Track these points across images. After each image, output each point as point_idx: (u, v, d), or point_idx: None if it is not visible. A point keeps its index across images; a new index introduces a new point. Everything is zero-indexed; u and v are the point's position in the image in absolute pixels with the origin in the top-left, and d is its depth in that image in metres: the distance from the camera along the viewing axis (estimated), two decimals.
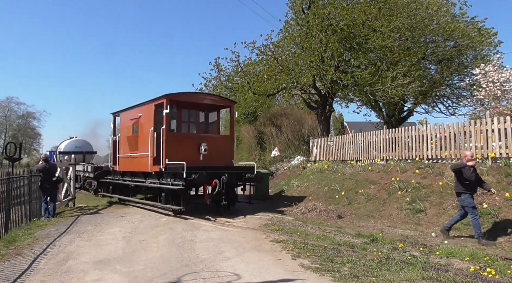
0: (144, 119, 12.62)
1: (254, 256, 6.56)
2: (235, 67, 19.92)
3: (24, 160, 44.21)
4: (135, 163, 13.07)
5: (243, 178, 11.94)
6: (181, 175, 10.39)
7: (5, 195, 8.74)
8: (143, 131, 12.53)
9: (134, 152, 13.10)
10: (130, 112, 13.80)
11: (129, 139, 13.59)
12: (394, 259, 6.14)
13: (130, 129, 13.59)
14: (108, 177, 15.62)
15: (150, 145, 11.75)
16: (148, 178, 12.59)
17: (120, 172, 14.64)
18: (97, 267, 6.03)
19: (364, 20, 17.04)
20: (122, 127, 14.71)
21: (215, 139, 12.93)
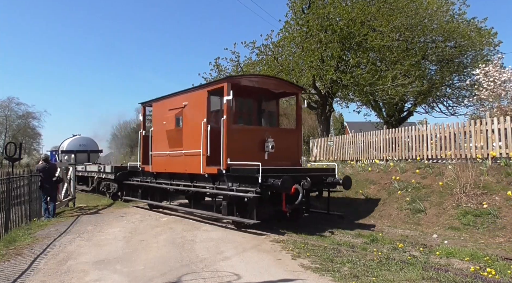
0: (191, 109, 10.39)
1: (254, 256, 6.56)
2: (235, 67, 19.93)
3: (24, 160, 44.23)
4: (177, 163, 10.92)
5: (323, 182, 9.49)
6: (251, 179, 8.37)
7: (5, 195, 8.74)
8: (190, 123, 10.37)
9: (176, 149, 10.93)
10: (170, 100, 11.53)
11: (169, 134, 11.33)
12: (394, 259, 6.14)
13: (170, 122, 11.18)
14: (134, 179, 13.75)
15: (203, 141, 9.56)
16: (196, 181, 10.42)
17: (153, 173, 12.45)
18: (97, 267, 6.03)
19: (364, 19, 17.06)
20: (156, 119, 12.36)
21: (281, 133, 10.76)
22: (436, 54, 19.53)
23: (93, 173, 17.42)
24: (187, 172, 10.48)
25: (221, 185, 9.37)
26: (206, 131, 9.56)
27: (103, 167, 16.40)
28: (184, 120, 10.77)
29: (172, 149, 11.20)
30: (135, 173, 13.83)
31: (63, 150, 23.88)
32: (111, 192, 15.79)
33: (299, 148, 10.80)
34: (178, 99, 11.04)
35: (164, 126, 11.47)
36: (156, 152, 12.10)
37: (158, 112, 12.25)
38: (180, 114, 10.86)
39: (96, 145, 25.42)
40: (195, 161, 9.94)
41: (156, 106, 12.46)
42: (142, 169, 13.10)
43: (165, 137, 11.50)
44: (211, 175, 9.61)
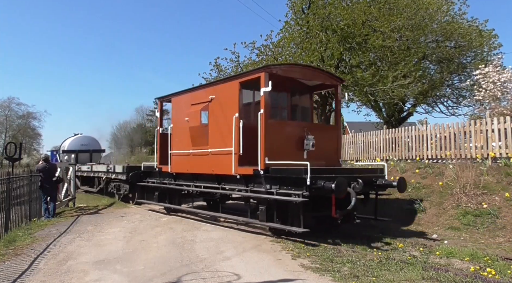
0: (220, 103, 9.40)
1: (254, 256, 6.56)
2: (235, 67, 19.93)
3: (24, 160, 44.19)
4: (202, 163, 9.97)
5: (373, 184, 8.41)
6: (296, 180, 7.39)
7: (5, 195, 8.75)
8: (218, 119, 9.41)
9: (201, 147, 9.98)
10: (193, 94, 10.60)
11: (192, 131, 10.30)
12: (394, 259, 6.15)
13: (193, 118, 10.16)
14: (149, 181, 12.76)
15: (235, 138, 8.58)
16: (225, 183, 9.42)
17: (172, 174, 11.46)
18: (97, 267, 6.03)
19: (364, 20, 17.07)
20: (176, 115, 11.42)
21: (320, 130, 9.77)
22: (436, 54, 19.55)
23: (101, 173, 16.55)
24: (214, 173, 9.50)
25: (256, 187, 8.37)
26: (238, 127, 8.58)
27: (112, 167, 15.36)
28: (210, 115, 9.74)
29: (195, 148, 10.22)
30: (150, 174, 12.91)
31: (64, 149, 23.10)
32: (121, 194, 14.88)
33: (339, 147, 9.77)
34: (203, 92, 10.03)
35: (187, 122, 10.44)
36: (177, 151, 11.12)
37: (179, 107, 11.25)
38: (206, 109, 9.82)
39: (98, 145, 24.61)
40: (225, 161, 8.97)
41: (176, 101, 11.46)
42: (159, 169, 12.09)
43: (187, 135, 10.50)
44: (244, 176, 8.60)
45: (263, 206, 8.08)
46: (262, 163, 8.03)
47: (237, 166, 8.64)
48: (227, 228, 9.34)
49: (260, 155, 8.08)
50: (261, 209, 8.14)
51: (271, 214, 7.93)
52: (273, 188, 7.92)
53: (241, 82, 8.90)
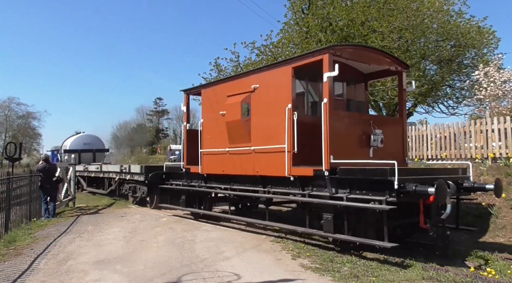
0: (266, 93, 8.16)
1: (254, 256, 6.56)
2: (234, 67, 19.92)
3: (24, 160, 44.20)
4: (242, 163, 8.69)
5: (460, 187, 7.06)
6: (377, 183, 6.14)
7: (5, 195, 8.75)
8: (264, 111, 8.18)
9: (241, 145, 8.73)
10: (230, 84, 9.31)
11: (230, 126, 8.98)
12: (394, 259, 6.15)
13: (232, 110, 8.90)
14: (173, 182, 11.43)
15: (288, 133, 7.38)
16: (272, 186, 8.14)
17: (202, 175, 10.09)
18: (97, 267, 6.03)
19: (364, 20, 17.06)
20: (208, 109, 10.10)
21: (385, 123, 8.39)
22: (436, 54, 19.54)
23: (112, 173, 15.38)
24: (259, 174, 8.25)
25: (316, 191, 7.10)
26: (291, 120, 7.39)
27: (127, 167, 14.09)
28: (253, 107, 8.45)
29: (234, 145, 8.94)
30: (173, 175, 11.62)
31: (66, 149, 22.07)
32: (137, 197, 13.62)
33: (405, 143, 8.53)
34: (244, 81, 8.82)
35: (222, 117, 9.15)
36: (209, 150, 9.77)
37: (211, 100, 9.91)
38: (247, 101, 8.57)
39: (102, 144, 23.54)
40: (274, 160, 7.81)
41: (208, 93, 10.17)
42: (186, 170, 10.71)
43: (223, 131, 9.20)
44: (299, 178, 7.39)
45: (328, 214, 6.74)
46: (326, 163, 6.73)
47: (291, 166, 7.39)
48: (227, 228, 9.34)
49: (324, 153, 6.80)
50: (326, 218, 6.77)
51: (339, 224, 6.62)
52: (341, 192, 6.68)
53: (296, 66, 7.58)
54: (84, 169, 18.53)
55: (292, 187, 7.64)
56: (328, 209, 6.81)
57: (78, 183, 19.78)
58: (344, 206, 6.48)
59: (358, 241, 6.39)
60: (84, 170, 18.52)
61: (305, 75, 8.21)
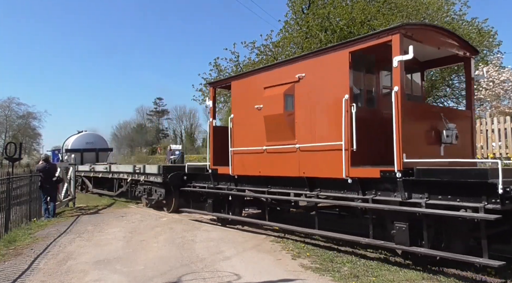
0: (316, 82, 7.13)
1: (254, 256, 6.56)
2: (234, 67, 19.92)
3: (24, 160, 44.23)
4: (284, 163, 7.69)
5: None
6: (469, 187, 5.14)
7: (5, 195, 8.76)
8: (312, 103, 7.16)
9: (282, 142, 7.71)
10: (268, 75, 8.29)
11: (269, 121, 8.01)
12: (394, 259, 6.15)
13: (271, 104, 7.95)
14: (196, 185, 10.46)
15: (345, 128, 6.43)
16: (321, 189, 7.15)
17: (233, 177, 9.03)
18: (97, 267, 6.03)
19: (364, 19, 17.07)
20: (239, 103, 9.14)
21: (457, 117, 7.36)
22: None
23: (124, 174, 14.37)
24: (305, 175, 7.22)
25: (381, 195, 6.14)
26: (349, 113, 6.43)
27: (142, 168, 13.09)
28: (298, 99, 7.48)
29: (273, 143, 7.95)
30: (196, 177, 10.67)
31: (68, 148, 21.27)
32: (153, 200, 12.44)
33: (474, 140, 7.51)
34: (286, 70, 7.81)
35: (257, 111, 8.24)
36: (241, 149, 8.77)
37: (244, 93, 9.00)
38: (290, 92, 7.60)
39: (105, 143, 22.74)
40: (326, 160, 6.83)
41: (239, 85, 9.20)
42: (213, 171, 9.66)
43: (259, 127, 8.22)
44: (360, 181, 6.38)
45: (402, 223, 5.70)
46: (399, 163, 5.77)
47: (349, 166, 6.41)
48: (227, 228, 9.34)
49: (396, 151, 5.82)
50: (399, 227, 5.74)
51: (415, 235, 5.63)
52: (415, 197, 5.72)
53: (354, 51, 6.59)
54: (90, 169, 17.60)
55: (348, 190, 6.60)
56: (401, 218, 5.73)
57: (82, 184, 19.34)
58: (424, 214, 5.43)
59: (451, 257, 5.17)
60: (90, 170, 17.61)
61: (360, 61, 7.08)
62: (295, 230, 7.66)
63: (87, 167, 18.12)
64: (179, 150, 32.93)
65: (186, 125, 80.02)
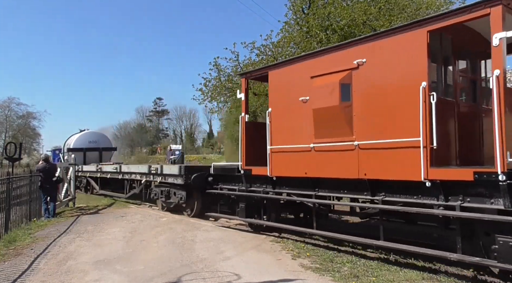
0: (382, 69, 6.15)
1: (254, 256, 6.56)
2: (234, 67, 19.91)
3: (24, 160, 44.24)
4: (339, 162, 6.64)
5: None
6: None
7: (5, 195, 8.76)
8: (379, 94, 6.15)
9: (336, 139, 6.70)
10: (315, 62, 7.25)
11: (319, 115, 6.97)
12: (394, 259, 6.15)
13: (322, 94, 6.90)
14: (224, 187, 9.46)
15: (423, 121, 5.53)
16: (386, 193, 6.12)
17: (271, 178, 8.03)
18: (97, 267, 6.03)
19: (365, 19, 17.06)
20: (280, 95, 8.07)
21: None
22: None
23: (136, 175, 13.38)
24: (367, 177, 6.22)
25: (472, 202, 5.17)
26: (427, 104, 5.51)
27: (159, 168, 11.99)
28: (356, 89, 6.47)
29: (323, 140, 6.90)
30: (224, 178, 9.57)
31: (70, 147, 20.31)
32: (171, 203, 11.43)
33: None
34: (340, 56, 6.81)
35: (303, 103, 7.28)
36: (282, 146, 7.78)
37: (284, 83, 7.96)
38: (347, 80, 6.61)
39: (109, 142, 21.78)
40: (397, 159, 5.86)
41: (278, 75, 8.13)
42: (246, 172, 8.62)
43: (305, 121, 7.23)
44: (442, 184, 5.43)
45: (507, 237, 4.75)
46: (502, 163, 4.82)
47: (428, 166, 5.49)
48: (227, 228, 9.33)
49: (498, 148, 4.86)
50: (503, 242, 4.76)
51: None
52: None
53: (433, 29, 5.63)
54: (97, 170, 16.47)
55: (425, 196, 5.63)
56: (506, 230, 4.80)
57: (87, 185, 18.51)
58: None
59: None
60: (96, 171, 16.47)
61: (437, 43, 6.11)
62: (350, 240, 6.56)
63: (94, 167, 17.06)
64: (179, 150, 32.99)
65: (186, 125, 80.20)
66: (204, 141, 76.81)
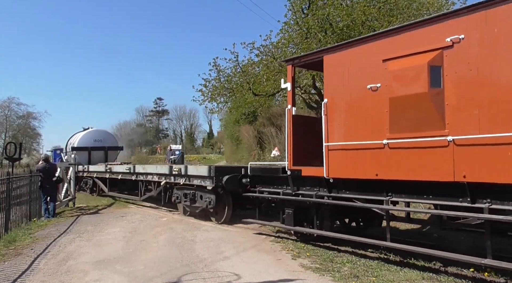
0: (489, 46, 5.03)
1: (254, 256, 6.56)
2: (234, 67, 19.91)
3: (24, 160, 44.19)
4: (424, 161, 5.50)
5: None
6: None
7: (5, 195, 8.76)
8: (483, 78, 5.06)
9: (421, 133, 5.54)
10: (388, 42, 6.11)
11: (399, 106, 5.83)
12: (394, 259, 6.15)
13: (403, 81, 5.82)
14: (263, 190, 8.35)
15: None
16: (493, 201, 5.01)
17: (327, 180, 6.88)
18: (97, 267, 6.03)
19: (364, 20, 17.06)
20: (339, 82, 6.82)
21: None
22: None
23: (154, 176, 12.31)
24: (466, 180, 5.09)
25: None
26: None
27: (183, 168, 10.84)
28: (449, 72, 5.38)
29: (402, 135, 5.78)
30: (263, 179, 8.54)
31: (74, 146, 19.29)
32: (197, 207, 10.26)
33: None
34: (427, 32, 5.68)
35: (373, 92, 6.17)
36: (342, 143, 6.65)
37: (346, 69, 6.72)
38: (437, 62, 5.51)
39: (115, 141, 20.84)
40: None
41: (338, 59, 6.92)
42: (293, 173, 7.52)
43: (375, 113, 6.14)
44: None
45: None
46: None
47: None
48: (227, 228, 9.33)
49: None
50: None
51: None
52: None
53: None
54: (106, 170, 15.46)
55: None
56: None
57: (93, 186, 17.55)
58: None
59: None
60: (105, 171, 15.48)
61: None
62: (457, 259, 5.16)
63: (102, 168, 16.04)
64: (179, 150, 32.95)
65: (186, 125, 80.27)
66: (204, 141, 76.89)
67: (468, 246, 6.32)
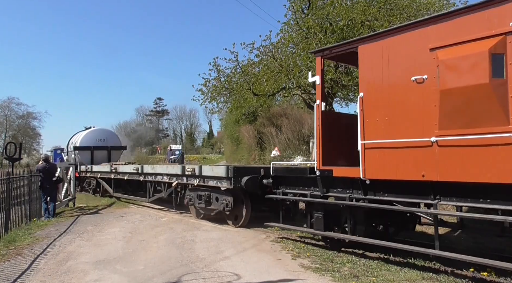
0: None
1: (254, 256, 6.56)
2: (234, 68, 19.91)
3: (24, 160, 44.21)
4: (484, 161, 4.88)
5: None
6: None
7: (5, 195, 8.76)
8: None
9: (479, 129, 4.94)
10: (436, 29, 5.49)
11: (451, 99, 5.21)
12: (394, 259, 6.15)
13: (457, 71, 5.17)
14: (288, 192, 7.65)
15: None
16: None
17: (363, 182, 6.23)
18: (97, 267, 6.03)
19: (364, 20, 17.06)
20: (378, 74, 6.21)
21: None
22: None
23: (164, 176, 11.64)
24: None
25: None
26: None
27: (197, 169, 10.13)
28: None
29: (455, 131, 5.16)
30: (287, 180, 7.78)
31: (77, 146, 18.89)
32: (213, 210, 9.65)
33: None
34: (486, 16, 5.04)
35: (418, 84, 5.58)
36: (381, 141, 6.03)
37: (385, 59, 6.13)
38: (499, 50, 4.88)
39: (118, 140, 20.38)
40: None
41: (376, 49, 6.29)
42: (323, 173, 6.87)
43: (421, 107, 5.55)
44: None
45: None
46: None
47: None
48: (227, 228, 9.33)
49: None
50: None
51: None
52: None
53: None
54: (111, 170, 14.94)
55: None
56: None
57: (97, 187, 17.13)
58: None
59: None
60: (111, 171, 14.96)
61: None
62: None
63: (107, 168, 15.53)
64: (179, 150, 32.96)
65: (186, 125, 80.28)
66: (204, 141, 76.89)
67: (468, 246, 6.34)
